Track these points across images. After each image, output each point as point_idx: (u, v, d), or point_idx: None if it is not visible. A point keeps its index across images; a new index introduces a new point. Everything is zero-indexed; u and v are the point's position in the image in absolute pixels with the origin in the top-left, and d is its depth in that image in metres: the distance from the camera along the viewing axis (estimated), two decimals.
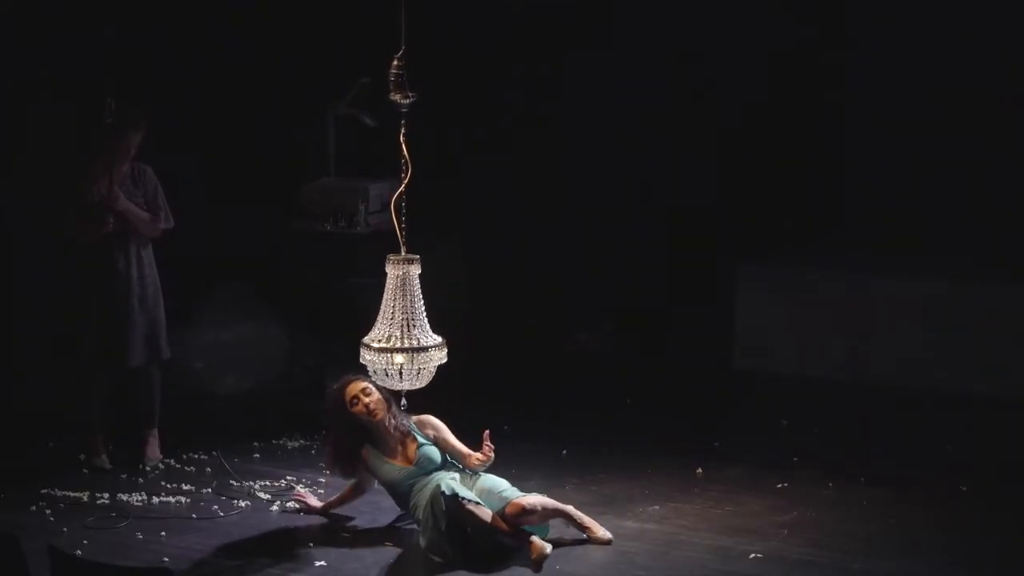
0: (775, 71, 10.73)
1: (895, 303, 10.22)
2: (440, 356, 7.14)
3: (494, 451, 7.57)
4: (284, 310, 10.22)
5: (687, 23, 10.83)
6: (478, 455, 7.57)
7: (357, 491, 7.81)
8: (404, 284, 7.11)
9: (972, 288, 10.06)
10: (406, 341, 7.05)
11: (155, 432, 8.73)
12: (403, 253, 7.16)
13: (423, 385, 7.18)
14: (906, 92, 10.56)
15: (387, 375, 7.08)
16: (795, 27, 10.70)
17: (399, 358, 7.04)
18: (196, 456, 8.77)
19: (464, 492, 7.27)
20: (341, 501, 7.84)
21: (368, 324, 7.24)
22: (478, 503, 7.26)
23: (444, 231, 10.67)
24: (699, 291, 10.77)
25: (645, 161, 10.96)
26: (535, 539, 7.25)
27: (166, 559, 7.26)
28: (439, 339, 7.16)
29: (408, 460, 7.59)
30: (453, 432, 7.76)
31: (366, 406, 7.60)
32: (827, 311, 10.35)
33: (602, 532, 7.48)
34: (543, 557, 7.19)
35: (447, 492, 7.22)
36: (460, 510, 7.20)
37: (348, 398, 7.63)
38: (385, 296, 7.13)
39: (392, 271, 7.12)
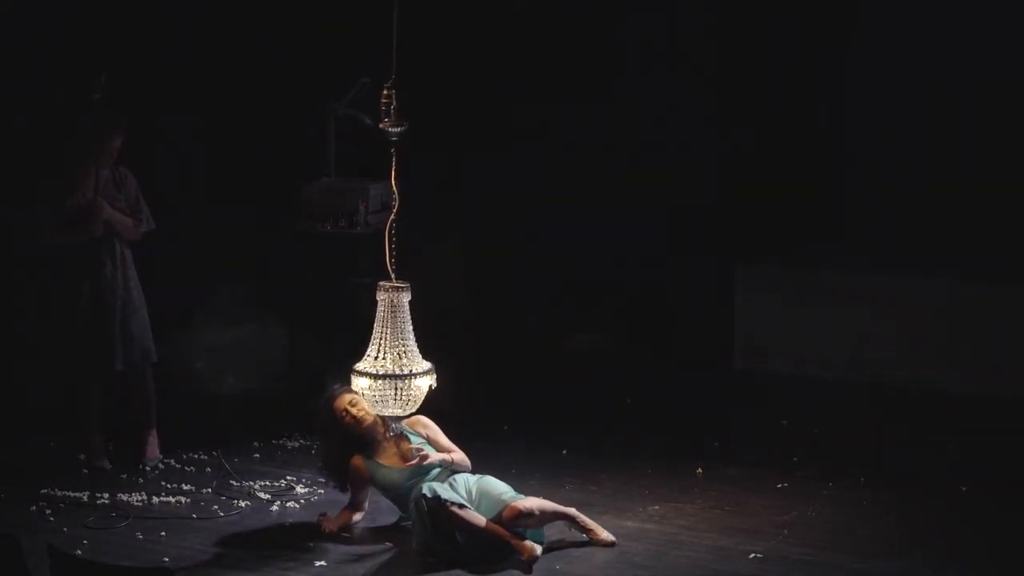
0: (775, 70, 10.73)
1: (895, 303, 10.22)
2: (427, 382, 7.16)
3: (417, 452, 7.53)
4: (284, 310, 10.21)
5: (686, 22, 10.83)
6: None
7: (355, 511, 7.77)
8: (394, 311, 7.14)
9: (973, 288, 10.06)
10: (393, 368, 7.10)
11: (154, 433, 8.74)
12: (393, 281, 7.19)
13: (412, 411, 7.23)
14: (907, 91, 10.56)
15: (378, 400, 7.11)
16: (795, 26, 10.70)
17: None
18: (196, 456, 8.78)
19: (447, 494, 7.25)
20: (341, 524, 7.77)
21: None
22: (462, 505, 7.25)
23: (444, 231, 10.68)
24: (699, 291, 10.76)
25: (645, 161, 10.96)
26: (527, 540, 7.25)
27: (166, 559, 7.26)
28: (427, 365, 7.19)
29: (404, 461, 7.58)
30: (451, 432, 7.77)
31: (354, 417, 7.60)
32: (827, 311, 10.34)
33: (605, 534, 7.47)
34: (533, 558, 7.20)
35: (428, 495, 7.21)
36: (444, 512, 7.20)
37: (337, 411, 7.63)
38: (375, 323, 7.17)
39: (382, 298, 7.16)
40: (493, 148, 11.18)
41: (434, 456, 7.53)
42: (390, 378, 7.10)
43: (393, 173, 7.24)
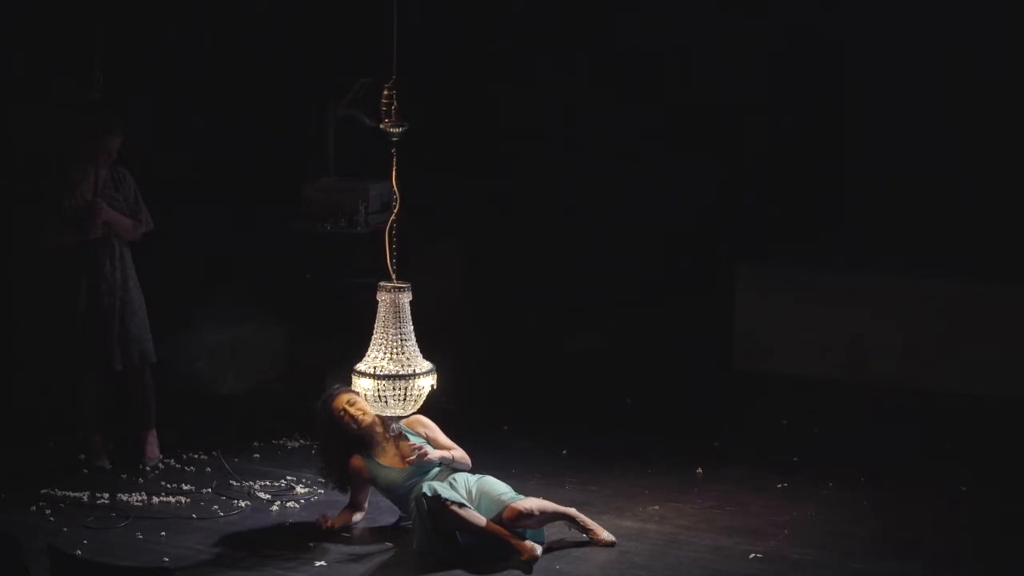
0: (774, 69, 10.73)
1: (895, 303, 10.22)
2: (428, 382, 7.18)
3: (417, 450, 7.52)
4: (284, 310, 10.22)
5: (686, 22, 10.83)
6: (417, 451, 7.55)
7: (355, 511, 7.77)
8: (394, 311, 7.14)
9: (973, 288, 10.06)
10: (395, 368, 7.12)
11: (153, 432, 8.73)
12: (393, 281, 7.20)
13: (414, 410, 7.25)
14: (906, 91, 10.55)
15: (379, 400, 7.13)
16: (795, 25, 10.69)
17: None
18: (196, 456, 8.77)
19: (447, 493, 7.24)
20: (342, 524, 7.74)
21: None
22: (462, 504, 7.25)
23: (445, 230, 10.69)
24: (699, 291, 10.77)
25: (645, 161, 10.96)
26: (527, 540, 7.25)
27: (166, 559, 7.26)
28: (428, 365, 7.20)
29: (404, 460, 7.58)
30: (451, 432, 7.76)
31: (352, 417, 7.60)
32: (827, 311, 10.35)
33: (605, 534, 7.47)
34: (534, 558, 7.19)
35: (428, 494, 7.21)
36: (444, 511, 7.19)
37: (335, 411, 7.63)
38: (376, 323, 7.18)
39: (383, 299, 7.17)
40: (493, 148, 11.18)
41: (433, 453, 7.53)
42: (392, 378, 7.12)
43: (394, 173, 7.25)
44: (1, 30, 9.72)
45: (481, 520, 7.25)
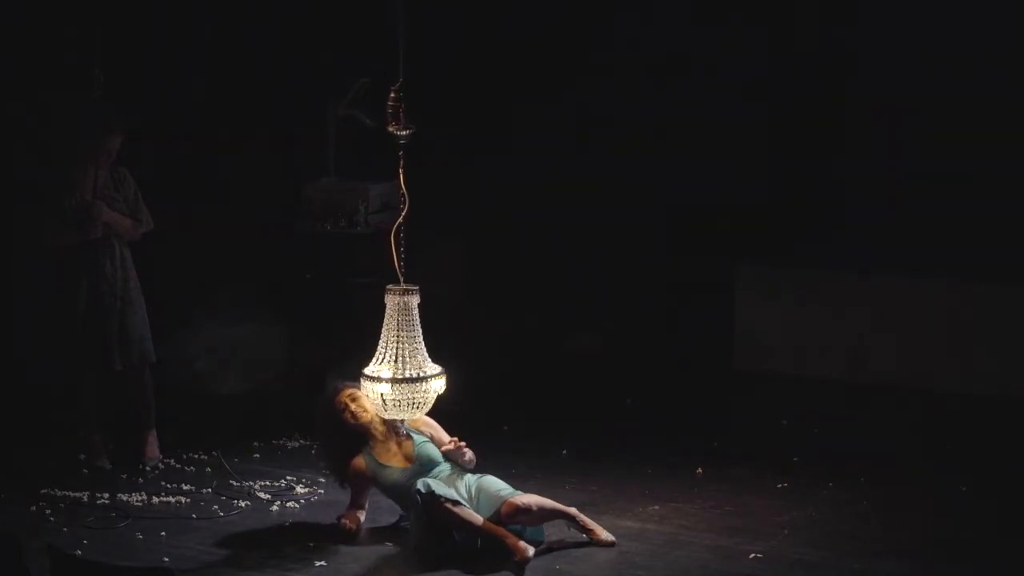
0: (775, 70, 10.73)
1: (895, 303, 10.22)
2: (437, 386, 7.17)
3: (464, 445, 7.52)
4: (284, 310, 10.22)
5: (686, 21, 10.83)
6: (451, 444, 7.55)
7: (356, 510, 7.76)
8: (402, 314, 7.13)
9: (973, 288, 10.06)
10: (404, 371, 7.10)
11: (153, 432, 8.73)
12: (401, 284, 7.18)
13: (423, 414, 7.24)
14: (907, 91, 10.55)
15: (389, 404, 7.11)
16: (796, 25, 10.69)
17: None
18: (196, 456, 8.77)
19: (442, 490, 7.24)
20: (357, 522, 7.76)
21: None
22: (457, 502, 7.24)
23: (446, 230, 10.69)
24: (699, 291, 10.77)
25: (646, 160, 10.96)
26: (522, 542, 7.24)
27: (166, 559, 7.26)
28: (437, 368, 7.18)
29: (407, 459, 7.58)
30: (453, 433, 7.76)
31: (352, 413, 7.60)
32: (827, 311, 10.35)
33: (605, 534, 7.46)
34: (525, 560, 7.17)
35: (423, 490, 7.20)
36: (438, 508, 7.18)
37: (337, 406, 7.64)
38: (384, 326, 7.17)
39: (391, 301, 7.15)
40: (494, 148, 11.18)
41: (469, 452, 7.52)
42: (403, 382, 7.09)
43: (402, 176, 7.23)
44: (1, 30, 9.72)
45: (477, 519, 7.24)
